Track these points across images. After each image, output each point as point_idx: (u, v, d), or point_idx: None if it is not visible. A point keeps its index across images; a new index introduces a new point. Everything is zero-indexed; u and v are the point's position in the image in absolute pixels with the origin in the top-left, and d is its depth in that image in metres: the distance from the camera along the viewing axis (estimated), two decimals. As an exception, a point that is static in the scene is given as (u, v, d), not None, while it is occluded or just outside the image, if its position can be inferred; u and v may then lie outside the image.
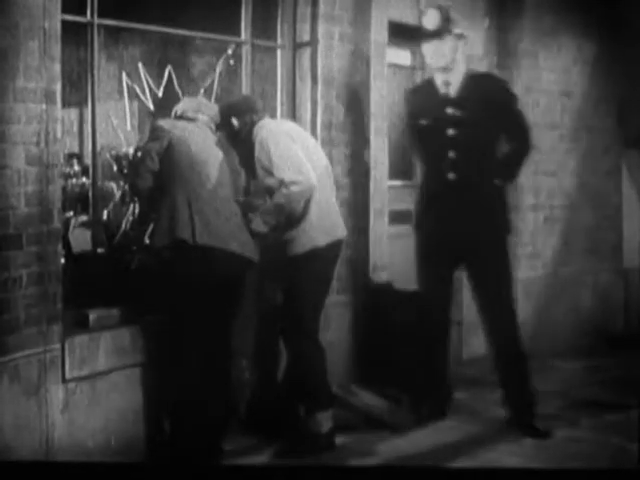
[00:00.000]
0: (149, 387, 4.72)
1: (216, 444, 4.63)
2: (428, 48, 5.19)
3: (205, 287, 4.53)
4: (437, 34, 5.12)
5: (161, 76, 5.75)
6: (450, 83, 5.21)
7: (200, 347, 4.56)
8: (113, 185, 5.59)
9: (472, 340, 6.45)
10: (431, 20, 5.14)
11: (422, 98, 5.35)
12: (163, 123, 4.66)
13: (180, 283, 4.56)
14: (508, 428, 5.23)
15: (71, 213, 5.39)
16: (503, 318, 5.30)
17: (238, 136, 4.93)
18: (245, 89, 5.55)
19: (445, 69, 5.20)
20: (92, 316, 4.63)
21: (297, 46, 5.80)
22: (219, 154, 4.71)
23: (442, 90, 5.23)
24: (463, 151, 5.14)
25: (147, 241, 5.10)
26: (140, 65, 5.78)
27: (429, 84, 5.33)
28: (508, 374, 5.31)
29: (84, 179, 5.70)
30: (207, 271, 4.52)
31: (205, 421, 4.55)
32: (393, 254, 5.77)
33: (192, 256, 4.49)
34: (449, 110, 5.19)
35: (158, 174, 4.56)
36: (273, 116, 5.50)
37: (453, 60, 5.17)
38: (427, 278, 5.42)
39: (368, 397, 5.52)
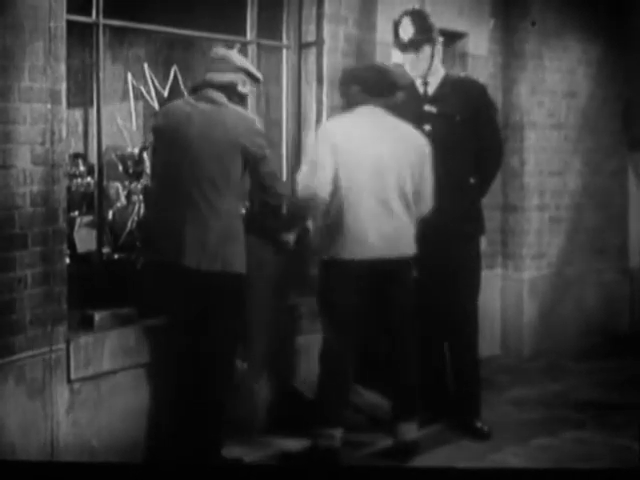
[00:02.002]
0: (154, 388, 4.71)
1: (213, 447, 4.55)
2: (406, 59, 5.29)
3: (175, 303, 4.51)
4: (413, 45, 5.21)
5: (167, 76, 5.76)
6: (428, 82, 5.33)
7: (189, 352, 4.51)
8: (118, 185, 5.60)
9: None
10: (406, 31, 5.20)
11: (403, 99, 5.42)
12: (154, 120, 4.62)
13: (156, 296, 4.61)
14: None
15: (76, 213, 5.38)
16: (462, 320, 5.30)
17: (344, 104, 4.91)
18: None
19: (423, 76, 5.31)
20: (97, 316, 4.62)
21: (303, 46, 5.81)
22: (222, 132, 4.38)
23: (421, 90, 5.34)
24: (439, 146, 5.15)
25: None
26: (145, 65, 5.79)
27: (410, 86, 5.39)
28: (462, 378, 5.32)
29: (89, 179, 5.69)
30: (166, 288, 4.50)
31: (201, 425, 4.50)
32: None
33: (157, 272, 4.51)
34: (426, 107, 5.29)
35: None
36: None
37: (430, 66, 5.26)
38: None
39: (373, 397, 5.51)
